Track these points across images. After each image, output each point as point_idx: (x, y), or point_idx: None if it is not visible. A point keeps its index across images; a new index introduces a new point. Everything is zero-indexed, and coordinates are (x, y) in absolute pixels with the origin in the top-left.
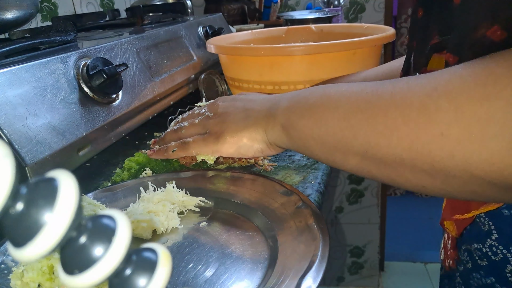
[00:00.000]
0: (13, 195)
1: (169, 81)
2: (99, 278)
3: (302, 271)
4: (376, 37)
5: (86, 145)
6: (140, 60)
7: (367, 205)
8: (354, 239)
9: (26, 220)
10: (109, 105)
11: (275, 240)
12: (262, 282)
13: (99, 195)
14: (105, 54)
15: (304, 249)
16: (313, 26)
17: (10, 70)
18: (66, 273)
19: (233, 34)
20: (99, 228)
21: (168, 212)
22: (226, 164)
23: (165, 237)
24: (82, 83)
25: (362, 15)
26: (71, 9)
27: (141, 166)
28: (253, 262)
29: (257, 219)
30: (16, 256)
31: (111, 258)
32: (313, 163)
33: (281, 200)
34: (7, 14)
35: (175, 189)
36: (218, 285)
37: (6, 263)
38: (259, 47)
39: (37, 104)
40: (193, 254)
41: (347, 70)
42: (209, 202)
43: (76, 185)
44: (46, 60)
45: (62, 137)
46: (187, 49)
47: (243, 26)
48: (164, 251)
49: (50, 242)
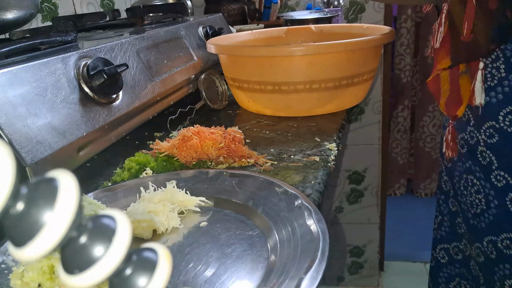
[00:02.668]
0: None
1: (169, 81)
2: (100, 277)
3: (301, 271)
4: (376, 37)
5: (86, 145)
6: (140, 60)
7: (367, 205)
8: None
9: (27, 220)
10: (110, 105)
11: (275, 240)
12: (262, 282)
13: (99, 195)
14: (105, 54)
15: (303, 249)
16: (313, 27)
17: (10, 70)
18: (67, 273)
19: (233, 34)
20: (100, 228)
21: (168, 212)
22: (226, 164)
23: (165, 237)
24: (83, 83)
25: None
26: (71, 9)
27: (142, 166)
28: (253, 262)
29: (257, 219)
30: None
31: (112, 258)
32: (313, 163)
33: (281, 200)
34: (8, 14)
35: (175, 189)
36: (218, 285)
37: (7, 263)
38: (259, 47)
39: (37, 104)
40: (193, 254)
41: (347, 70)
42: (209, 202)
43: (77, 185)
44: (47, 60)
45: (62, 137)
46: (187, 49)
47: (243, 26)
48: (164, 251)
49: (50, 242)
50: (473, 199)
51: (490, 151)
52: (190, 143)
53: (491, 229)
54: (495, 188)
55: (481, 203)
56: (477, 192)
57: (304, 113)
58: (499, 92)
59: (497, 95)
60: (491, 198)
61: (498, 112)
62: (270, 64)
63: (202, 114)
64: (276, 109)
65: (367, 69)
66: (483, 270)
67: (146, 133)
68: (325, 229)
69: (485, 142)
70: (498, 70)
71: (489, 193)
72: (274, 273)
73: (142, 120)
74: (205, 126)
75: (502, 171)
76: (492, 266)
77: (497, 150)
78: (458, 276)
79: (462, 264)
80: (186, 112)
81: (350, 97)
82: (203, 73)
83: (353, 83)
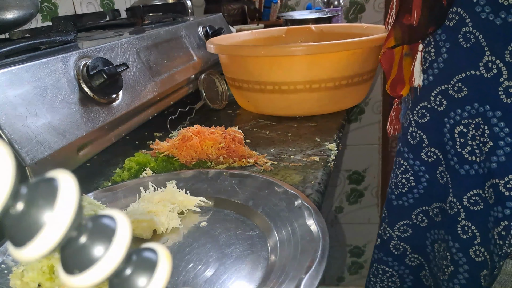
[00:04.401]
0: (14, 195)
1: (169, 81)
2: (99, 278)
3: (301, 271)
4: (376, 37)
5: (86, 145)
6: (140, 60)
7: (367, 205)
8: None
9: (27, 220)
10: (109, 105)
11: (275, 240)
12: (262, 282)
13: (99, 195)
14: (105, 54)
15: (304, 249)
16: (313, 26)
17: (10, 70)
18: (67, 273)
19: (233, 34)
20: (99, 228)
21: (168, 212)
22: (226, 164)
23: (165, 237)
24: (82, 83)
25: (362, 15)
26: (71, 9)
27: (141, 166)
28: (253, 262)
29: (257, 219)
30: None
31: (111, 258)
32: (313, 163)
33: (281, 200)
34: (7, 14)
35: (175, 189)
36: (218, 285)
37: (6, 263)
38: (259, 47)
39: (37, 104)
40: (193, 254)
41: (347, 70)
42: (209, 202)
43: (76, 185)
44: (46, 60)
45: (62, 137)
46: (187, 49)
47: (243, 26)
48: (164, 251)
49: (50, 242)
50: (398, 180)
51: (420, 130)
52: (190, 143)
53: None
54: (425, 164)
55: (409, 182)
56: (403, 172)
57: (304, 113)
58: (430, 74)
59: (428, 77)
60: (421, 173)
61: (430, 93)
62: (270, 64)
63: (202, 114)
64: (276, 109)
65: (367, 69)
66: (410, 242)
67: (146, 133)
68: (325, 229)
69: (416, 123)
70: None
71: (420, 169)
72: (274, 273)
73: (142, 120)
74: (205, 126)
75: (433, 147)
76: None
77: (427, 128)
78: (375, 261)
79: (383, 247)
80: (186, 112)
81: (350, 97)
82: (203, 73)
83: (353, 83)
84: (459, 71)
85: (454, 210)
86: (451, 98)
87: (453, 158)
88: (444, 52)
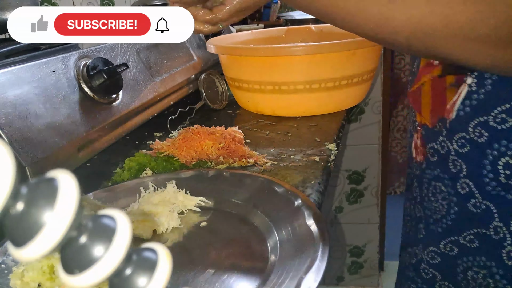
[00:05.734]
0: (14, 195)
1: (169, 81)
2: (100, 277)
3: (302, 271)
4: None
5: (86, 145)
6: (140, 60)
7: (366, 205)
8: (354, 238)
9: (27, 220)
10: (109, 105)
11: (275, 240)
12: (262, 282)
13: (99, 195)
14: (105, 54)
15: (304, 249)
16: (313, 26)
17: (10, 70)
18: (67, 273)
19: (233, 34)
20: (100, 228)
21: (168, 212)
22: (226, 164)
23: (165, 237)
24: (83, 83)
25: None
26: None
27: (142, 166)
28: (253, 262)
29: (257, 219)
30: (16, 256)
31: (112, 257)
32: (313, 163)
33: (281, 200)
34: (7, 14)
35: (175, 189)
36: (218, 285)
37: (7, 263)
38: (259, 47)
39: (37, 104)
40: (193, 254)
41: (347, 70)
42: (209, 202)
43: (77, 185)
44: (47, 60)
45: (62, 137)
46: (187, 49)
47: (243, 26)
48: (164, 251)
49: (50, 242)
50: (437, 205)
51: (462, 160)
52: (190, 143)
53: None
54: (457, 194)
55: (443, 209)
56: (443, 199)
57: (304, 113)
58: (467, 105)
59: (465, 108)
60: (452, 204)
61: (467, 124)
62: (270, 64)
63: (202, 114)
64: (276, 109)
65: (367, 69)
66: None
67: (146, 133)
68: (325, 229)
69: (456, 152)
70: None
71: (452, 200)
72: (274, 273)
73: (142, 120)
74: (205, 126)
75: (467, 179)
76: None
77: (469, 159)
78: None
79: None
80: (186, 112)
81: (350, 97)
82: (203, 73)
83: (353, 83)
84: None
85: (500, 235)
86: (494, 129)
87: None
88: (489, 84)
